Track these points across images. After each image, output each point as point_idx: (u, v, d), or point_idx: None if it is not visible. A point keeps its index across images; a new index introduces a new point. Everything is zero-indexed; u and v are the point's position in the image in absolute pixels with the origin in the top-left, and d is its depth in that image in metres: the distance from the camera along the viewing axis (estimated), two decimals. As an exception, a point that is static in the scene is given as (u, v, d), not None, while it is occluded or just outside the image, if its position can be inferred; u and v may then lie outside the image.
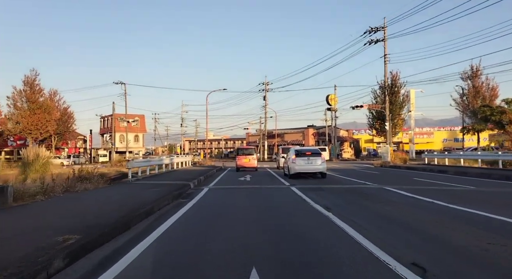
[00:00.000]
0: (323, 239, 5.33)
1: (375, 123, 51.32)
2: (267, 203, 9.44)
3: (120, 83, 54.54)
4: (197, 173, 21.09)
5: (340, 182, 14.96)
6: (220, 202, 9.82)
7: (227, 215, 7.67)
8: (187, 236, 5.79)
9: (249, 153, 25.41)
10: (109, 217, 6.58)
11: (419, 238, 5.32)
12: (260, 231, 5.99)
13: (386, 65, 35.05)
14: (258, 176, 20.16)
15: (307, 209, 8.21)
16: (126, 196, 10.29)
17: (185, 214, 7.88)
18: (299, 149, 17.51)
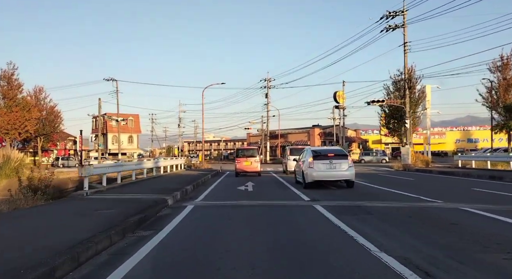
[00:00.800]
0: None
1: (389, 122, 47.14)
2: (284, 246, 5.23)
3: (112, 80, 50.47)
4: (187, 179, 16.94)
5: (380, 195, 10.77)
6: (203, 242, 5.62)
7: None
8: None
9: (250, 154, 21.28)
10: None
11: None
12: None
13: (406, 54, 30.93)
14: (263, 183, 16.01)
15: (372, 269, 4.02)
16: (34, 229, 6.18)
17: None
18: (318, 150, 13.33)
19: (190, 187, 13.07)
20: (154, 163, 18.49)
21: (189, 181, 15.76)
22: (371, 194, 10.98)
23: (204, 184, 16.21)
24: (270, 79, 55.69)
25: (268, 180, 17.94)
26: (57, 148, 63.02)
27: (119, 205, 8.48)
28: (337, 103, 51.06)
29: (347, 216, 7.11)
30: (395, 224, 6.39)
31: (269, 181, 17.60)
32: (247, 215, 7.57)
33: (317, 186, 12.77)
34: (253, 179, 18.72)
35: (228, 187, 14.80)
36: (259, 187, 14.20)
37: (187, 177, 18.52)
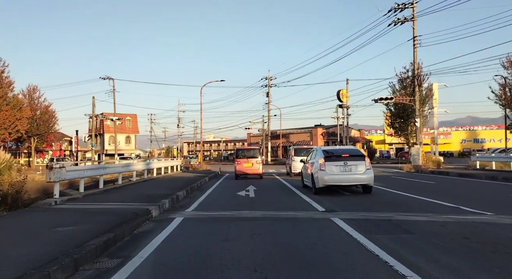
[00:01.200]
0: None
1: (394, 121, 45.39)
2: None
3: (108, 78, 48.70)
4: (181, 183, 15.24)
5: (409, 205, 9.02)
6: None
7: None
8: None
9: (251, 155, 19.55)
10: None
11: None
12: None
13: (415, 49, 29.19)
14: (266, 187, 14.28)
15: None
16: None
17: None
18: (330, 149, 11.56)
19: (182, 193, 11.35)
20: (146, 164, 16.77)
21: (183, 185, 14.04)
22: (396, 203, 9.24)
23: (200, 188, 14.48)
24: (271, 77, 53.99)
25: (271, 183, 16.21)
26: (53, 149, 61.30)
27: (88, 219, 6.76)
28: (341, 102, 49.40)
29: (380, 236, 5.39)
30: (454, 251, 4.65)
31: (272, 184, 15.88)
32: (249, 235, 5.84)
33: (328, 191, 11.05)
34: (255, 182, 17.01)
35: (226, 192, 13.07)
36: (261, 192, 12.47)
37: (181, 180, 16.81)
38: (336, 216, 7.19)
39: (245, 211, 8.17)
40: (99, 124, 63.27)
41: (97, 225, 6.14)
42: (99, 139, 64.72)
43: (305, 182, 13.10)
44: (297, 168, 19.47)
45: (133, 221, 6.77)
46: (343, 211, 7.74)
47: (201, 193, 12.67)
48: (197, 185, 14.88)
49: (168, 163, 22.37)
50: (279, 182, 16.94)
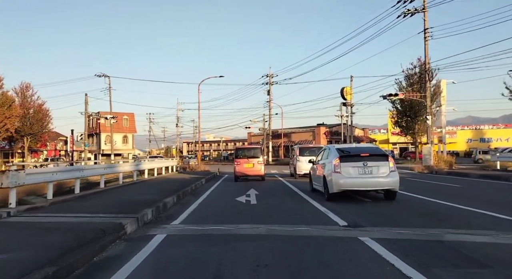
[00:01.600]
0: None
1: (401, 120, 43.65)
2: None
3: (104, 76, 47.05)
4: (174, 186, 13.54)
5: (449, 216, 7.30)
6: None
7: None
8: None
9: (252, 154, 17.85)
10: None
11: None
12: None
13: (426, 42, 27.45)
14: (269, 191, 12.56)
15: None
16: None
17: None
18: (345, 148, 9.78)
19: (172, 199, 9.63)
20: (135, 165, 15.03)
21: (175, 188, 12.32)
22: (432, 213, 7.50)
23: (194, 192, 12.76)
24: (273, 75, 52.30)
25: (274, 186, 14.50)
26: (47, 148, 59.57)
27: (35, 239, 5.05)
28: (345, 100, 47.67)
29: (445, 274, 3.67)
30: None
31: (276, 187, 14.16)
32: (250, 268, 4.12)
33: (343, 197, 9.33)
34: (256, 184, 15.30)
35: (224, 197, 11.34)
36: (264, 197, 10.76)
37: (174, 183, 15.09)
38: (365, 234, 5.47)
39: (246, 225, 6.45)
40: (95, 124, 61.61)
41: (42, 251, 4.43)
42: (95, 139, 63.07)
43: (314, 185, 11.37)
44: (302, 169, 17.79)
45: (97, 242, 5.05)
46: (371, 226, 6.02)
47: (195, 198, 10.96)
48: (191, 188, 13.16)
49: (162, 163, 20.63)
50: (283, 185, 15.22)
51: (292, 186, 14.24)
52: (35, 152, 58.01)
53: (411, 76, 41.51)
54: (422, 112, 41.79)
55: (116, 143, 55.71)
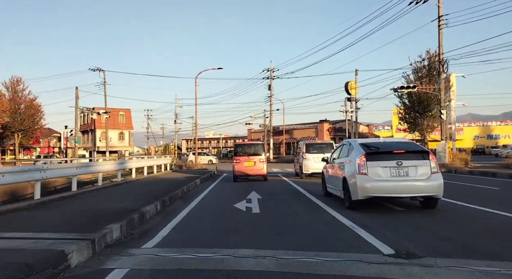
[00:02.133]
0: None
1: (408, 115, 41.64)
2: None
3: (98, 70, 45.00)
4: (161, 188, 11.63)
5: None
6: None
7: None
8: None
9: (253, 151, 15.95)
10: None
11: None
12: None
13: (441, 31, 25.48)
14: (274, 195, 10.62)
15: None
16: None
17: None
18: (371, 143, 7.71)
19: (154, 206, 7.71)
20: (118, 164, 13.07)
21: (162, 191, 10.40)
22: (496, 229, 5.57)
23: (185, 196, 10.83)
24: (274, 69, 50.29)
25: (279, 188, 12.57)
26: (40, 145, 57.66)
27: None
28: (349, 95, 45.74)
29: None
30: None
31: (281, 189, 12.24)
32: None
33: (367, 203, 7.39)
34: (258, 185, 13.39)
35: (219, 202, 9.41)
36: (269, 202, 8.83)
37: (164, 184, 13.16)
38: (431, 274, 3.52)
39: (246, 251, 4.52)
40: (90, 120, 59.66)
41: None
42: (90, 135, 61.16)
43: (328, 188, 9.42)
44: (309, 168, 15.88)
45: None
46: (436, 258, 4.06)
47: (185, 204, 9.04)
48: (183, 191, 11.23)
49: (152, 161, 18.67)
50: (289, 186, 13.28)
51: (300, 188, 12.30)
52: (27, 149, 56.14)
53: (420, 70, 39.47)
54: (431, 107, 39.84)
55: (111, 140, 53.76)
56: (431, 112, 40.23)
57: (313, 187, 12.38)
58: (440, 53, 25.79)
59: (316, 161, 15.93)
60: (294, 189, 12.16)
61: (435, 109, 40.16)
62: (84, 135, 63.95)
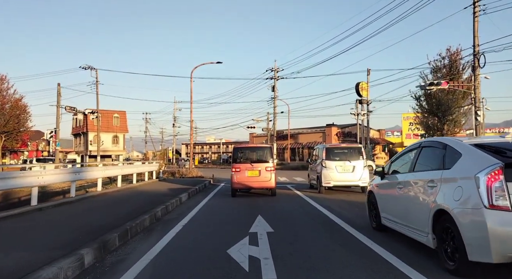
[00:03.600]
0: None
1: (427, 119, 37.89)
2: None
3: (90, 68, 41.58)
4: (120, 213, 7.96)
5: None
6: None
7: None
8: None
9: (258, 157, 12.34)
10: None
11: None
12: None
13: (476, 18, 21.92)
14: (293, 227, 6.87)
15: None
16: None
17: None
18: (497, 144, 4.02)
19: (70, 263, 4.01)
20: (70, 173, 9.31)
21: (114, 221, 6.72)
22: None
23: (151, 227, 7.11)
24: (278, 69, 46.73)
25: (297, 212, 8.85)
26: (28, 149, 54.07)
27: None
28: (360, 97, 42.06)
29: None
30: None
31: (300, 214, 8.51)
32: None
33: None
34: (265, 204, 9.71)
35: (203, 247, 5.65)
36: (289, 249, 5.11)
37: (132, 203, 9.46)
38: None
39: None
40: (82, 122, 56.14)
41: None
42: (82, 139, 57.59)
43: (387, 220, 5.65)
44: (331, 179, 12.20)
45: None
46: None
47: (143, 246, 5.34)
48: (153, 216, 7.54)
49: (130, 169, 14.89)
50: (308, 206, 9.54)
51: (326, 210, 8.58)
52: (14, 153, 52.59)
53: (439, 69, 35.84)
54: (452, 110, 36.22)
55: (103, 143, 50.18)
56: (452, 116, 36.60)
57: (345, 209, 8.69)
58: (475, 45, 22.13)
59: (340, 170, 12.26)
60: (318, 213, 8.43)
61: (456, 113, 36.62)
62: (76, 138, 60.36)
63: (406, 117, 68.89)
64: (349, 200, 10.85)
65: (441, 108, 36.18)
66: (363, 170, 12.24)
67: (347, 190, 13.52)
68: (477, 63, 22.06)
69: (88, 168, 11.09)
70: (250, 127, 47.72)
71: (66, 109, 29.28)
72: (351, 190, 13.54)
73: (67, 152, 64.06)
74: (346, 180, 12.25)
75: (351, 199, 10.97)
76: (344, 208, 9.10)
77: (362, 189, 12.60)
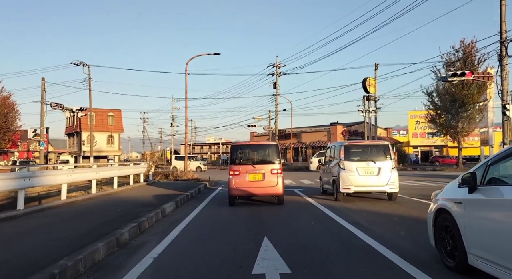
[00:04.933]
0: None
1: (439, 117, 35.53)
2: None
3: (82, 64, 39.36)
4: (86, 225, 5.66)
5: None
6: None
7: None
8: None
9: (262, 157, 10.14)
10: None
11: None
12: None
13: (503, 1, 19.64)
14: (310, 250, 4.58)
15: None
16: None
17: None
18: None
19: None
20: (16, 179, 6.98)
21: (50, 250, 4.44)
22: None
23: (106, 261, 4.82)
24: (280, 65, 44.48)
25: (317, 230, 6.59)
26: (19, 149, 51.83)
27: None
28: (367, 93, 39.68)
29: None
30: None
31: (322, 234, 6.25)
32: None
33: None
34: (271, 219, 7.46)
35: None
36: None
37: (97, 217, 7.18)
38: None
39: None
40: (76, 121, 53.89)
41: None
42: (76, 139, 55.32)
43: (476, 257, 3.39)
44: (351, 184, 9.94)
45: None
46: None
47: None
48: (117, 241, 5.27)
49: (107, 172, 12.42)
50: (329, 221, 7.25)
51: (354, 228, 6.31)
52: (4, 153, 50.36)
53: (453, 63, 33.53)
54: (467, 107, 33.91)
55: (96, 144, 47.88)
56: (467, 113, 34.30)
57: (379, 225, 6.44)
58: (502, 31, 19.83)
59: (362, 172, 10.00)
60: (347, 234, 6.14)
61: (471, 109, 34.32)
62: (70, 138, 58.09)
63: (412, 116, 66.55)
64: (377, 211, 8.60)
65: (455, 105, 33.99)
66: (391, 172, 9.97)
67: (368, 196, 11.27)
68: (504, 51, 19.75)
69: (46, 171, 8.80)
70: (251, 126, 45.48)
71: (51, 106, 27.02)
72: (372, 196, 11.30)
73: (60, 152, 61.84)
74: (370, 184, 9.99)
75: (379, 210, 8.72)
76: (377, 223, 6.85)
77: (390, 196, 10.35)
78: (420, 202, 9.92)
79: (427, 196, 11.26)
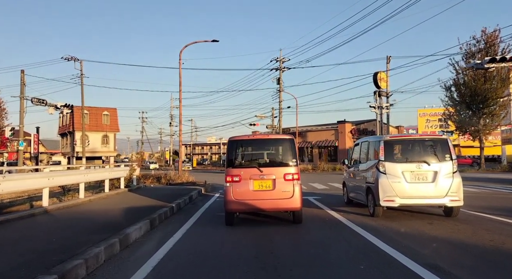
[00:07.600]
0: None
1: (459, 113, 32.56)
2: None
3: (74, 60, 36.75)
4: None
5: None
6: None
7: None
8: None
9: (271, 157, 7.35)
10: None
11: None
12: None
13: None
14: None
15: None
16: None
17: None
18: None
19: None
20: None
21: None
22: None
23: None
24: (283, 59, 41.64)
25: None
26: (8, 150, 49.13)
27: None
28: (378, 88, 36.79)
29: None
30: None
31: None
32: None
33: None
34: (288, 253, 4.60)
35: None
36: None
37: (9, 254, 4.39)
38: None
39: None
40: (69, 121, 51.22)
41: None
42: (69, 139, 52.64)
43: None
44: (396, 193, 7.16)
45: None
46: None
47: None
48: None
49: (68, 177, 9.48)
50: (379, 257, 4.41)
51: (430, 274, 3.49)
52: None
53: (473, 55, 30.66)
54: (489, 102, 31.01)
55: (88, 144, 45.17)
56: (489, 109, 31.38)
57: (486, 275, 3.59)
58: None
59: (411, 178, 7.21)
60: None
61: (494, 105, 31.43)
62: (63, 138, 55.40)
63: (422, 114, 63.56)
64: (448, 238, 5.76)
65: (476, 100, 31.11)
66: (452, 178, 7.14)
67: (411, 209, 8.41)
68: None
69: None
70: (253, 124, 42.61)
71: (32, 101, 24.29)
72: (418, 209, 8.44)
73: (52, 153, 59.21)
74: (423, 195, 7.15)
75: (449, 237, 5.87)
76: (469, 268, 4.03)
77: (448, 212, 7.49)
78: (500, 222, 7.04)
79: (499, 209, 8.34)
